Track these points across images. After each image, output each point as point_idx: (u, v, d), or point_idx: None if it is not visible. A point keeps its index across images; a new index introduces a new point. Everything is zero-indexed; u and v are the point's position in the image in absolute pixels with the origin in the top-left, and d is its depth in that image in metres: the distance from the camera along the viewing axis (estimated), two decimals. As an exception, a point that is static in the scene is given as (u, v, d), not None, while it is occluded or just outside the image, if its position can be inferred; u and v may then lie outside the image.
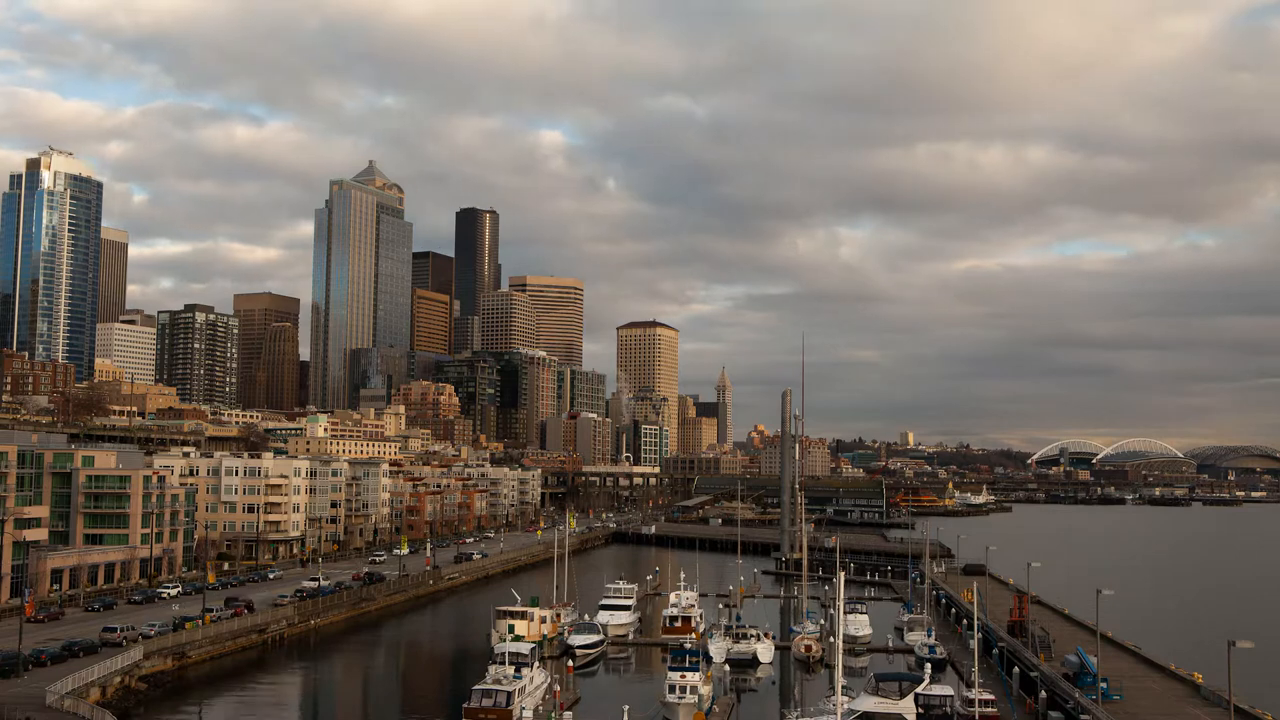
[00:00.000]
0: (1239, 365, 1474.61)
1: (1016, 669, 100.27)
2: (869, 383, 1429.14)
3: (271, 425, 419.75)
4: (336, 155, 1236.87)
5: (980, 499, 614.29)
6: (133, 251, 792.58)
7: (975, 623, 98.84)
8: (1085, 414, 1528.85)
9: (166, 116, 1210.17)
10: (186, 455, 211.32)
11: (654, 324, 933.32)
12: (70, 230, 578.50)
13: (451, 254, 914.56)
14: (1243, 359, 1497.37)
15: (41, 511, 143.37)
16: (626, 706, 76.20)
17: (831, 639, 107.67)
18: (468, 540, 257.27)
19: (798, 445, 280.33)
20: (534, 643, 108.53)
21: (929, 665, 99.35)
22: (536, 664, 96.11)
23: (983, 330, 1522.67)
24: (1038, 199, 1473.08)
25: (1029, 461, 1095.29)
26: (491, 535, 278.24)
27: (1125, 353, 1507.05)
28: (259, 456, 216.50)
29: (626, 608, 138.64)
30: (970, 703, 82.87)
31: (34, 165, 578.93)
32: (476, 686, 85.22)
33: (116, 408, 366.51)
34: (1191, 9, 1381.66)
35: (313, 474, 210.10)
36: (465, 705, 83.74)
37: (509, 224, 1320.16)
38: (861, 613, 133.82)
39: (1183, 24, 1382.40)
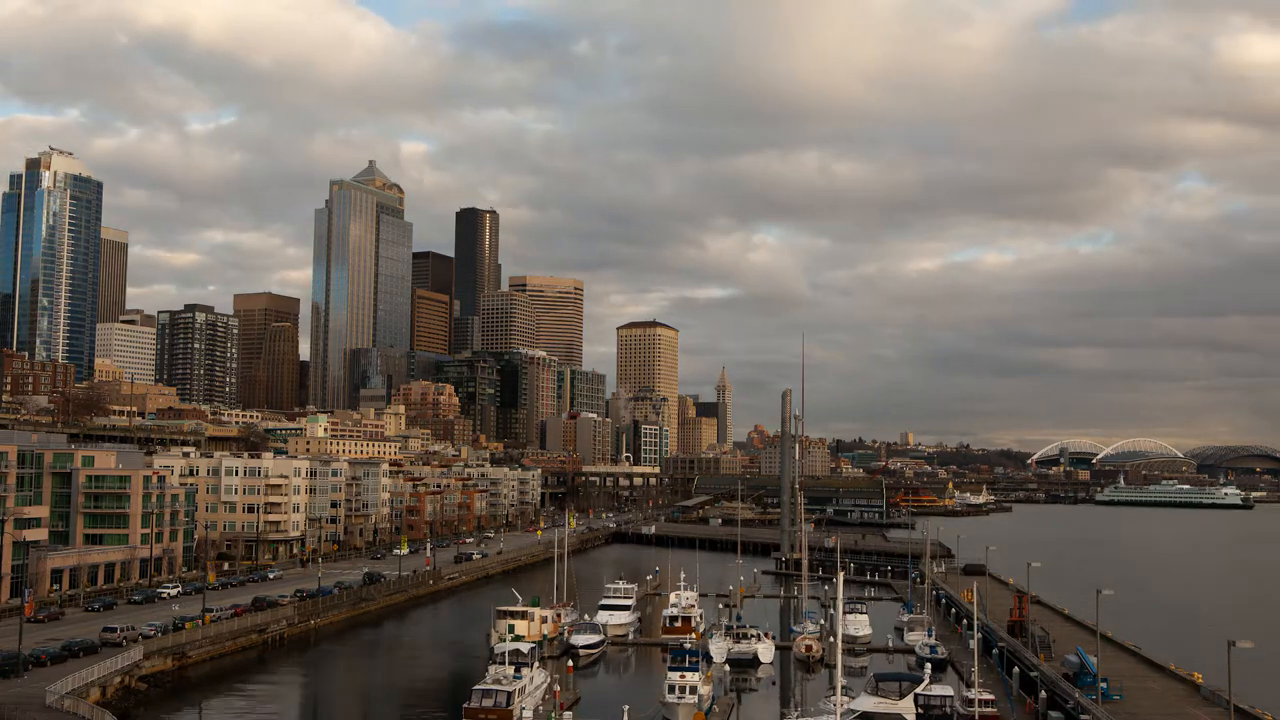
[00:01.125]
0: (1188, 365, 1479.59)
1: (1016, 669, 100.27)
2: (829, 381, 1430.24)
3: (271, 425, 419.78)
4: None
5: (980, 499, 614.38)
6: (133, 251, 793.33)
7: (975, 623, 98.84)
8: (1040, 412, 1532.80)
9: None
10: (186, 455, 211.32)
11: (654, 324, 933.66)
12: (70, 230, 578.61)
13: (451, 254, 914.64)
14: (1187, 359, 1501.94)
15: (41, 511, 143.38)
16: (626, 706, 76.18)
17: (831, 639, 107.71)
18: (468, 540, 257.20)
19: (798, 445, 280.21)
20: (534, 643, 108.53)
21: (929, 665, 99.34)
22: (536, 664, 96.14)
23: (932, 330, 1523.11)
24: (932, 204, 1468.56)
25: (1029, 461, 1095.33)
26: (491, 535, 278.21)
27: (1070, 351, 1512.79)
28: (259, 456, 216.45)
29: (626, 608, 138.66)
30: (970, 703, 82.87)
31: (34, 165, 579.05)
32: (476, 686, 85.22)
33: (116, 408, 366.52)
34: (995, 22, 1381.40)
35: (313, 474, 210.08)
36: (465, 705, 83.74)
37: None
38: (861, 613, 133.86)
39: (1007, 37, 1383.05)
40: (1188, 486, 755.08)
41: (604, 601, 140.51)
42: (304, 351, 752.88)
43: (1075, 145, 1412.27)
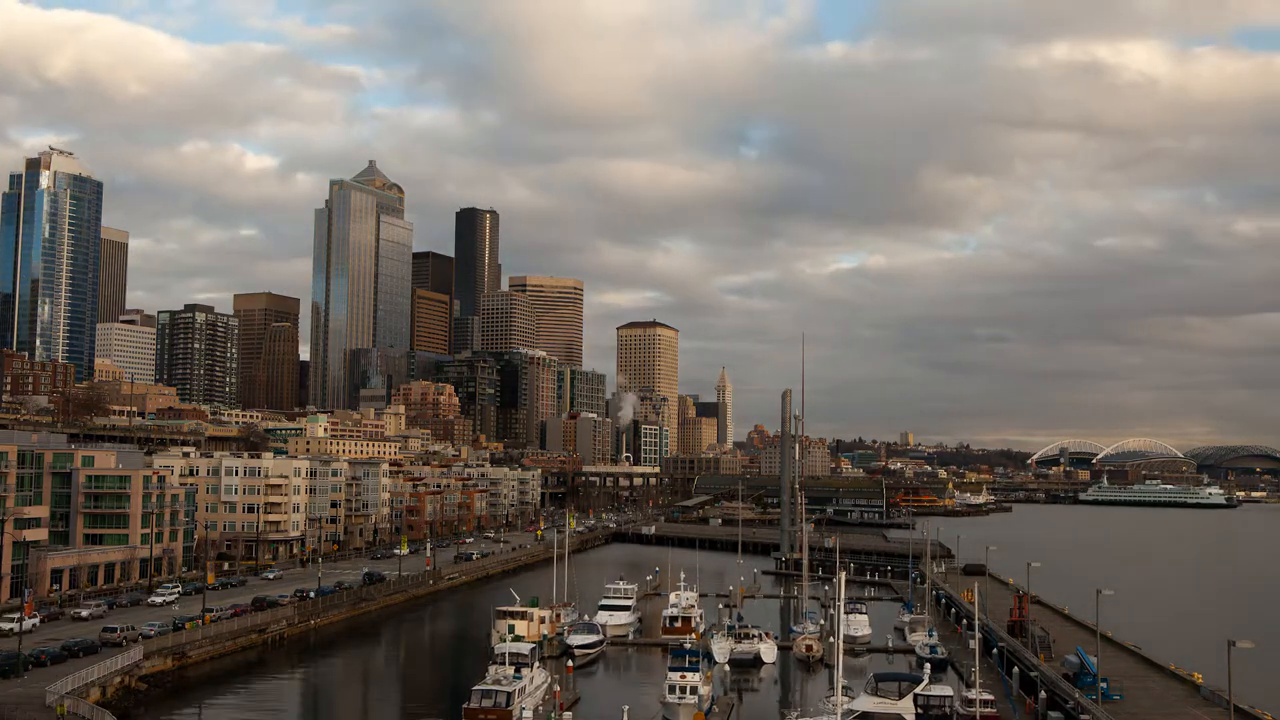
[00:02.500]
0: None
1: (1016, 669, 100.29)
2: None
3: (271, 425, 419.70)
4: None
5: (980, 499, 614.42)
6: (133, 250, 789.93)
7: (975, 623, 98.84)
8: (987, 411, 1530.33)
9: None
10: (186, 455, 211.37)
11: (654, 324, 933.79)
12: (70, 230, 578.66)
13: (451, 254, 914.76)
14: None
15: (41, 511, 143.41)
16: (626, 706, 76.18)
17: (831, 639, 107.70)
18: (468, 540, 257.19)
19: (798, 445, 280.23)
20: (534, 643, 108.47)
21: (929, 665, 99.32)
22: (536, 664, 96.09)
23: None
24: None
25: (1029, 461, 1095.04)
26: (491, 535, 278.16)
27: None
28: (259, 456, 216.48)
29: (626, 608, 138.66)
30: (970, 703, 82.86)
31: (34, 165, 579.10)
32: (476, 687, 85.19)
33: (116, 408, 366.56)
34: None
35: (313, 474, 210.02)
36: (465, 705, 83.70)
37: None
38: (861, 613, 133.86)
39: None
40: (1171, 486, 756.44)
41: (604, 602, 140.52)
42: (304, 351, 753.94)
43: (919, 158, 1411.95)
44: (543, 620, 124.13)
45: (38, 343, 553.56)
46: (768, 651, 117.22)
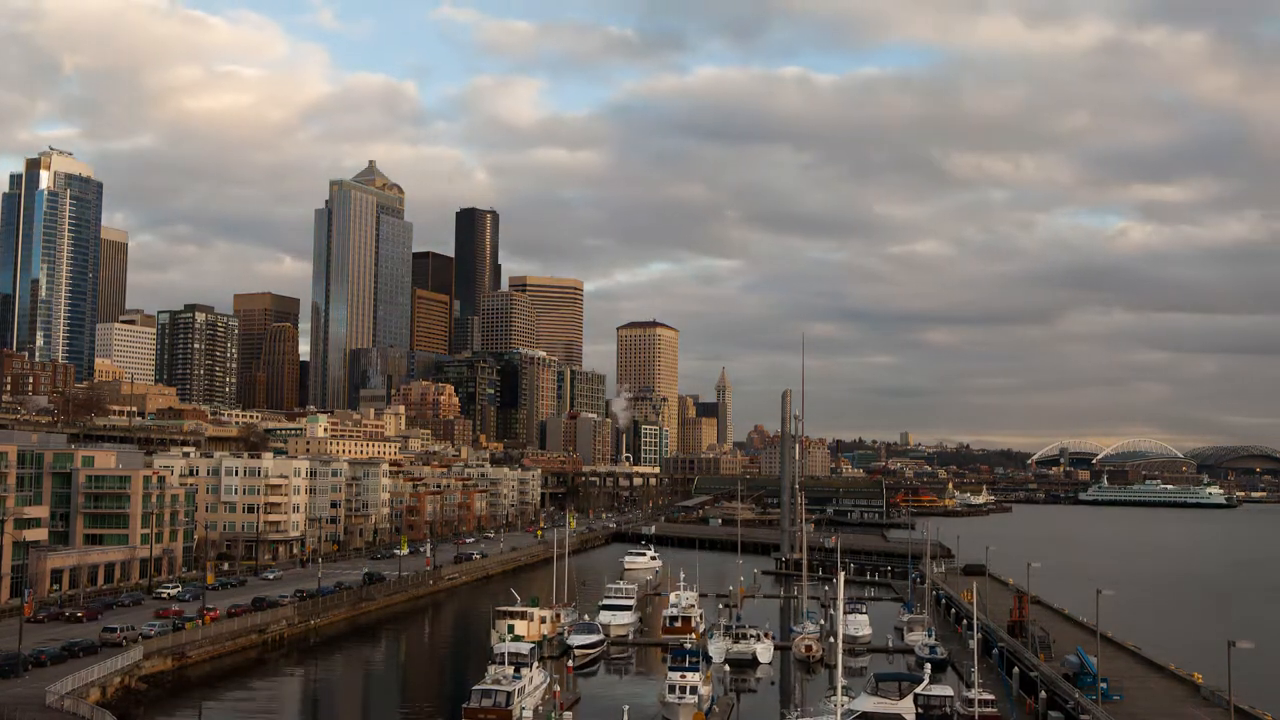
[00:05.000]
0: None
1: (1016, 669, 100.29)
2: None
3: (271, 425, 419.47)
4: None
5: (980, 499, 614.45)
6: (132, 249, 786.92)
7: (975, 623, 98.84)
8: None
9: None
10: (186, 455, 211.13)
11: (654, 324, 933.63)
12: (70, 230, 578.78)
13: (451, 254, 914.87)
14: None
15: (41, 511, 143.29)
16: (626, 706, 76.13)
17: (831, 639, 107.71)
18: (468, 540, 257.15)
19: (798, 445, 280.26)
20: (534, 643, 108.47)
21: (929, 665, 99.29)
22: (536, 664, 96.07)
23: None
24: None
25: (1029, 462, 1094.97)
26: (491, 535, 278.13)
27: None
28: (259, 457, 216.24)
29: (627, 608, 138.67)
30: (970, 703, 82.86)
31: (34, 165, 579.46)
32: (476, 686, 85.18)
33: (116, 408, 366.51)
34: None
35: (313, 474, 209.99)
36: (465, 705, 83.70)
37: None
38: (861, 613, 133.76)
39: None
40: (1171, 486, 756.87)
41: (605, 602, 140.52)
42: (304, 351, 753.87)
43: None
44: (543, 620, 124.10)
45: (38, 343, 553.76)
46: (764, 651, 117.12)
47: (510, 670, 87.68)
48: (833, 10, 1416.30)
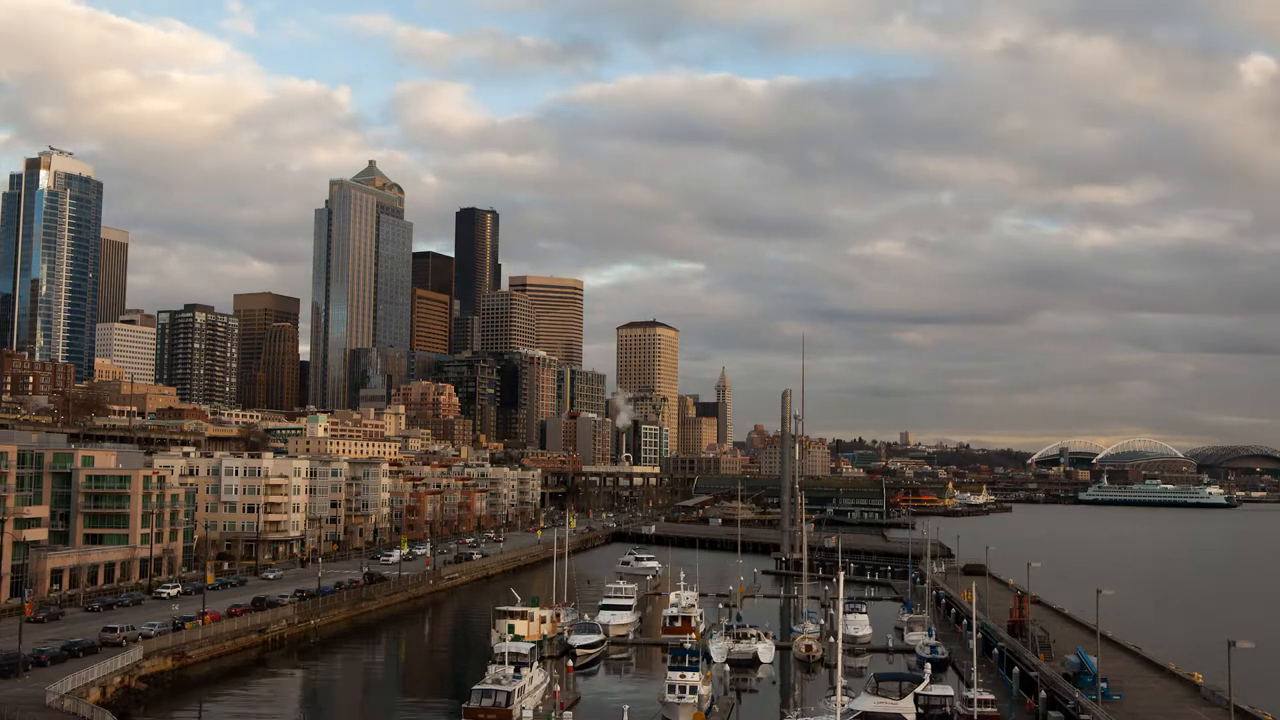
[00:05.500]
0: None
1: (1016, 669, 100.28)
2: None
3: (271, 425, 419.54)
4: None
5: (980, 499, 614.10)
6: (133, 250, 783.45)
7: (975, 623, 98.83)
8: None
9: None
10: (186, 455, 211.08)
11: (654, 324, 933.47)
12: (70, 230, 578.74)
13: (452, 254, 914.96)
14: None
15: (41, 511, 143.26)
16: (626, 706, 76.13)
17: (831, 639, 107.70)
18: (468, 540, 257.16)
19: (798, 445, 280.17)
20: (534, 643, 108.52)
21: (929, 665, 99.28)
22: (536, 664, 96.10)
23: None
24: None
25: (1029, 461, 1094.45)
26: (491, 535, 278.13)
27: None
28: (259, 456, 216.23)
29: (627, 608, 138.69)
30: (970, 703, 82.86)
31: (34, 165, 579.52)
32: (476, 686, 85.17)
33: (116, 408, 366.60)
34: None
35: (313, 474, 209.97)
36: (465, 705, 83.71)
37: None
38: (861, 613, 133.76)
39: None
40: (1171, 486, 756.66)
41: (605, 601, 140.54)
42: (304, 351, 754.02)
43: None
44: (543, 620, 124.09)
45: (38, 343, 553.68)
46: (765, 651, 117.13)
47: (510, 670, 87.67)
48: (749, 18, 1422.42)
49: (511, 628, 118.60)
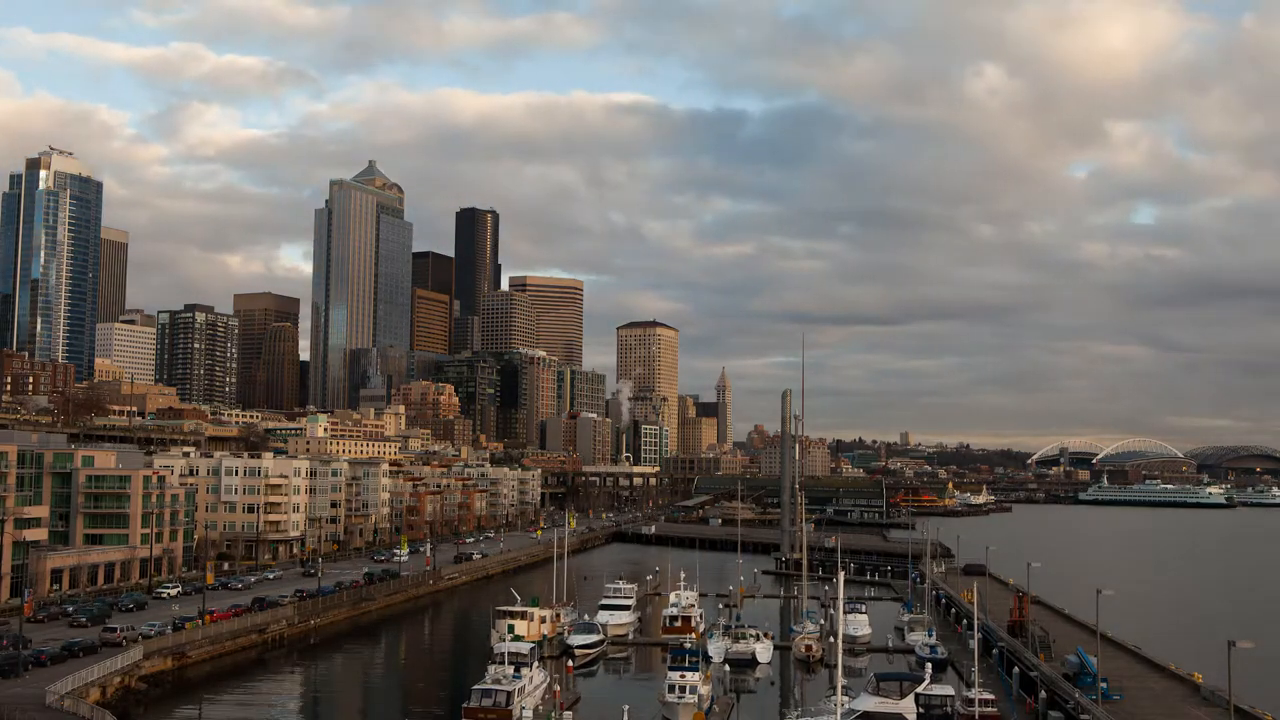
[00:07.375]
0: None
1: (1016, 669, 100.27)
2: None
3: (271, 425, 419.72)
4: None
5: (980, 499, 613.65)
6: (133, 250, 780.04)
7: (975, 623, 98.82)
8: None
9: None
10: (186, 455, 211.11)
11: (654, 324, 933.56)
12: (70, 230, 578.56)
13: (452, 254, 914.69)
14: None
15: (41, 511, 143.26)
16: (626, 706, 76.09)
17: (831, 639, 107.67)
18: (468, 540, 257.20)
19: (798, 445, 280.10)
20: (534, 643, 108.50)
21: (929, 665, 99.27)
22: (536, 664, 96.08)
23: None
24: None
25: (1029, 461, 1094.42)
26: (491, 535, 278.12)
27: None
28: (259, 456, 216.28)
29: (626, 608, 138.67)
30: (970, 703, 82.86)
31: (33, 165, 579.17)
32: (476, 686, 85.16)
33: (116, 408, 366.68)
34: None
35: (313, 474, 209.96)
36: (465, 705, 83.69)
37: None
38: (861, 613, 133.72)
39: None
40: (1171, 486, 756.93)
41: (604, 601, 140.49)
42: (304, 351, 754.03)
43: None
44: (543, 620, 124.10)
45: (38, 343, 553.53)
46: (763, 651, 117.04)
47: (510, 670, 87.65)
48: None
49: (511, 628, 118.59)
